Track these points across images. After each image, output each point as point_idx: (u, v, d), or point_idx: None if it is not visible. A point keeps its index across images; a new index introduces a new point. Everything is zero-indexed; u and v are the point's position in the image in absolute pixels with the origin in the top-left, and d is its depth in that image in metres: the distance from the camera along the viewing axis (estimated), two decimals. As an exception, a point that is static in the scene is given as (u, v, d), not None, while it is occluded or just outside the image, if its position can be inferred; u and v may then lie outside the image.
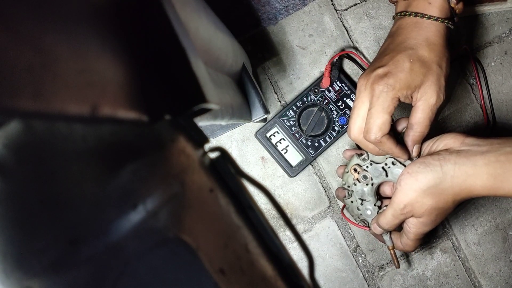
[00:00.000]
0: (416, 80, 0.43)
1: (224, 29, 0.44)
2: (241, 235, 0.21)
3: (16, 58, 0.12)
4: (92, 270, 0.16)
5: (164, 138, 0.20)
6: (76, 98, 0.14)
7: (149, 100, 0.19)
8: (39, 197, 0.16)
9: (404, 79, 0.42)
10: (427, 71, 0.43)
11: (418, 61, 0.43)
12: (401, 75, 0.42)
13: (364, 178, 0.51)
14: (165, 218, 0.18)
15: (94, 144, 0.17)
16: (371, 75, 0.44)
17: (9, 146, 0.16)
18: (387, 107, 0.42)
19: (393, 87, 0.42)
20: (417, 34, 0.44)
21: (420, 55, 0.43)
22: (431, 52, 0.43)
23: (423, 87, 0.43)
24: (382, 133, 0.43)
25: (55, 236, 0.16)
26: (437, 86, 0.43)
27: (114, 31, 0.18)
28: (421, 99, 0.43)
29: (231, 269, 0.19)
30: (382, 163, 0.50)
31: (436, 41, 0.44)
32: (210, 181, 0.21)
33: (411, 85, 0.42)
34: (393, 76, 0.42)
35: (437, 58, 0.43)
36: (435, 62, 0.43)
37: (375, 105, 0.43)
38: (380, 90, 0.42)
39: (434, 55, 0.43)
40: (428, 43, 0.44)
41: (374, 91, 0.43)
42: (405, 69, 0.42)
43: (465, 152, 0.43)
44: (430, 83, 0.43)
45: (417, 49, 0.43)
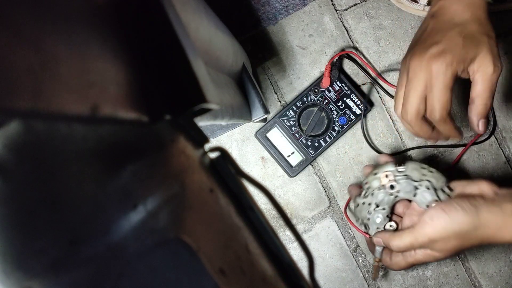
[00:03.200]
0: (471, 53, 0.43)
1: (224, 29, 0.44)
2: (241, 235, 0.21)
3: (16, 58, 0.12)
4: (92, 271, 0.16)
5: (164, 138, 0.20)
6: (76, 98, 0.14)
7: (149, 100, 0.19)
8: (39, 197, 0.16)
9: (459, 54, 0.42)
10: (479, 43, 0.43)
11: (470, 35, 0.43)
12: (457, 51, 0.42)
13: (390, 188, 0.50)
14: (165, 219, 0.18)
15: (94, 144, 0.17)
16: (425, 54, 0.44)
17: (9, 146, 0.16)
18: (448, 84, 0.43)
19: (451, 64, 0.42)
20: (463, 11, 0.44)
21: (470, 29, 0.43)
22: (479, 26, 0.44)
23: (478, 59, 0.43)
24: (447, 111, 0.44)
25: (55, 236, 0.16)
26: (491, 55, 0.43)
27: (114, 32, 0.18)
28: (479, 71, 0.43)
29: (231, 269, 0.19)
30: (418, 181, 0.49)
31: (480, 15, 0.44)
32: (210, 181, 0.21)
33: (466, 58, 0.43)
34: (450, 52, 0.42)
35: (486, 30, 0.44)
36: (485, 33, 0.43)
37: (437, 83, 0.43)
38: (438, 68, 0.42)
39: (482, 27, 0.44)
40: (474, 18, 0.44)
41: (432, 70, 0.43)
42: (459, 45, 0.43)
43: (498, 202, 0.44)
44: (484, 53, 0.43)
45: (466, 24, 0.44)
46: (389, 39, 0.62)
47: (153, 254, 0.17)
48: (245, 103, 0.50)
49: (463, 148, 0.62)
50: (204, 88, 0.21)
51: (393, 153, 0.62)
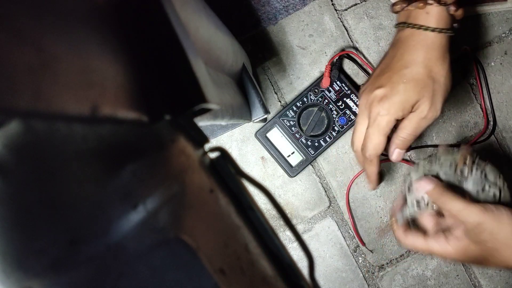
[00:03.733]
0: (411, 99, 0.44)
1: (224, 29, 0.44)
2: (241, 235, 0.21)
3: (16, 58, 0.12)
4: (92, 270, 0.16)
5: (164, 138, 0.20)
6: (76, 98, 0.14)
7: (149, 100, 0.19)
8: (39, 197, 0.16)
9: (399, 101, 0.44)
10: (421, 89, 0.44)
11: (412, 80, 0.44)
12: (396, 99, 0.44)
13: (460, 172, 0.46)
14: (165, 218, 0.18)
15: (94, 144, 0.17)
16: (370, 96, 0.46)
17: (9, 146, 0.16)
18: (382, 129, 0.45)
19: (388, 111, 0.44)
20: (413, 50, 0.45)
21: (415, 73, 0.44)
22: (425, 68, 0.44)
23: (417, 103, 0.44)
24: (375, 152, 0.47)
25: (55, 236, 0.16)
26: (430, 101, 0.44)
27: (114, 31, 0.18)
28: (414, 111, 0.45)
29: (231, 269, 0.19)
30: (490, 183, 0.46)
31: (432, 54, 0.44)
32: (210, 181, 0.21)
33: (405, 106, 0.44)
34: (388, 100, 0.44)
35: (433, 73, 0.44)
36: (431, 77, 0.44)
37: (372, 126, 0.46)
38: (377, 113, 0.45)
39: (429, 70, 0.44)
40: (423, 59, 0.44)
41: (371, 113, 0.46)
42: (400, 91, 0.44)
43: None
44: (424, 99, 0.44)
45: (412, 67, 0.44)
46: (389, 39, 0.62)
47: (153, 254, 0.17)
48: (245, 103, 0.50)
49: (463, 148, 0.62)
50: (204, 88, 0.21)
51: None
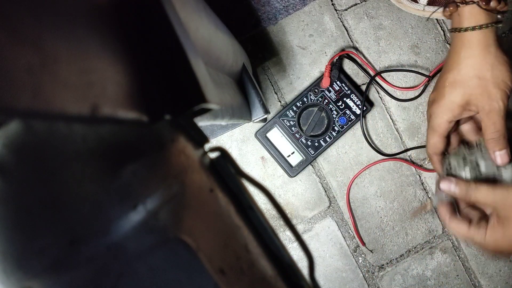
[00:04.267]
0: (457, 100, 0.45)
1: (224, 29, 0.44)
2: (241, 235, 0.21)
3: (16, 58, 0.12)
4: (92, 270, 0.16)
5: (164, 138, 0.20)
6: (76, 98, 0.14)
7: (149, 100, 0.19)
8: (39, 197, 0.16)
9: (444, 104, 0.46)
10: (466, 89, 0.45)
11: (454, 82, 0.45)
12: (441, 102, 0.46)
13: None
14: (165, 218, 0.18)
15: (94, 144, 0.17)
16: (428, 101, 0.49)
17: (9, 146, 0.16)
18: (435, 130, 0.47)
19: (437, 114, 0.47)
20: (453, 53, 0.46)
21: (456, 75, 0.45)
22: (466, 68, 0.45)
23: (472, 102, 0.45)
24: (432, 151, 0.49)
25: (55, 236, 0.16)
26: (484, 96, 0.44)
27: (114, 31, 0.18)
28: (479, 111, 0.45)
29: (231, 269, 0.19)
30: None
31: (470, 53, 0.44)
32: (210, 181, 0.21)
33: (452, 107, 0.46)
34: (436, 103, 0.47)
35: (476, 70, 0.44)
36: (474, 75, 0.44)
37: (428, 128, 0.49)
38: (429, 116, 0.48)
39: (471, 69, 0.44)
40: (462, 59, 0.45)
41: (427, 116, 0.49)
42: (444, 94, 0.46)
43: None
44: (475, 96, 0.45)
45: (452, 71, 0.46)
46: (389, 39, 0.62)
47: (153, 254, 0.17)
48: (245, 103, 0.50)
49: (463, 148, 0.62)
50: (204, 88, 0.21)
51: (393, 153, 0.62)
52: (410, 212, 0.55)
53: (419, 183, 0.63)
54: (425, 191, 0.63)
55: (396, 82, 0.62)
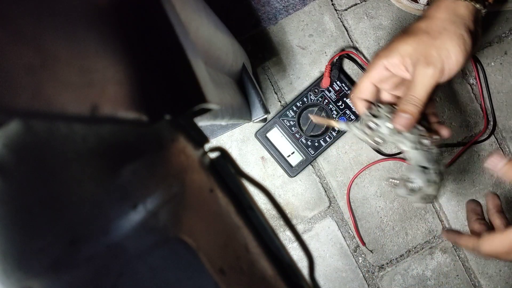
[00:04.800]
0: (399, 47, 0.42)
1: (224, 29, 0.44)
2: (241, 235, 0.21)
3: (16, 58, 0.12)
4: (92, 270, 0.16)
5: (164, 138, 0.20)
6: (76, 97, 0.14)
7: (149, 100, 0.19)
8: (39, 197, 0.16)
9: (386, 48, 0.44)
10: (411, 41, 0.42)
11: (405, 31, 0.44)
12: (387, 46, 0.44)
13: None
14: (165, 218, 0.18)
15: (94, 144, 0.17)
16: None
17: (9, 146, 0.16)
18: (368, 72, 0.45)
19: (377, 56, 0.44)
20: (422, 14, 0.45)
21: (408, 27, 0.44)
22: (421, 23, 0.43)
23: (411, 58, 0.42)
24: (355, 94, 0.46)
25: (55, 236, 0.16)
26: (422, 57, 0.42)
27: (114, 31, 0.18)
28: (411, 75, 0.43)
29: (231, 269, 0.19)
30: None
31: (434, 14, 0.43)
32: (210, 181, 0.21)
33: (393, 54, 0.43)
34: (382, 49, 0.44)
35: (428, 28, 0.42)
36: (424, 32, 0.42)
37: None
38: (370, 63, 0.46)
39: (423, 25, 0.43)
40: (425, 15, 0.43)
41: None
42: (393, 41, 0.44)
43: None
44: (419, 52, 0.42)
45: (415, 22, 0.44)
46: (389, 39, 0.62)
47: (153, 253, 0.17)
48: (245, 103, 0.50)
49: (462, 147, 0.62)
50: (204, 88, 0.21)
51: (393, 153, 0.63)
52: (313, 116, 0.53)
53: (419, 183, 0.63)
54: (425, 191, 0.63)
55: (396, 82, 0.62)
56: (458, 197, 0.63)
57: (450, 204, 0.63)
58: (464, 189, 0.63)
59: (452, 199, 0.63)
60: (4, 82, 0.11)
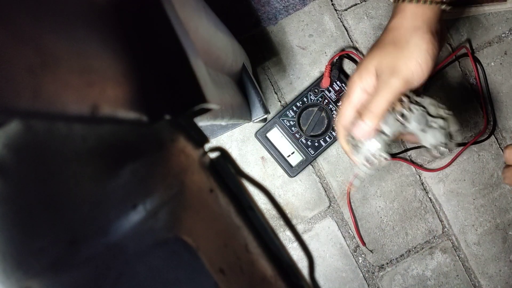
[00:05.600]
0: (369, 65, 0.43)
1: (224, 29, 0.44)
2: (241, 235, 0.21)
3: (16, 58, 0.12)
4: (92, 270, 0.16)
5: (164, 138, 0.20)
6: (76, 98, 0.14)
7: (149, 100, 0.19)
8: (39, 197, 0.16)
9: (358, 69, 0.44)
10: (379, 55, 0.43)
11: (373, 47, 0.44)
12: (358, 67, 0.45)
13: (401, 116, 0.44)
14: (165, 218, 0.18)
15: (94, 144, 0.17)
16: None
17: (9, 146, 0.16)
18: (349, 99, 0.45)
19: (352, 79, 0.45)
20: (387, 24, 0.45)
21: (377, 41, 0.45)
22: (387, 34, 0.43)
23: (380, 69, 0.43)
24: (340, 122, 0.47)
25: (55, 236, 0.16)
26: (388, 68, 0.42)
27: (114, 31, 0.18)
28: (378, 82, 0.43)
29: (231, 269, 0.19)
30: (433, 117, 0.44)
31: (399, 22, 0.43)
32: (210, 181, 0.21)
33: (364, 73, 0.44)
34: (355, 70, 0.45)
35: (394, 38, 0.43)
36: (390, 42, 0.43)
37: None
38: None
39: (389, 36, 0.43)
40: (389, 26, 0.44)
41: None
42: (363, 60, 0.45)
43: None
44: (385, 64, 0.42)
45: (379, 38, 0.45)
46: (389, 39, 0.62)
47: (153, 253, 0.17)
48: (245, 103, 0.50)
49: (462, 147, 0.62)
50: (204, 88, 0.21)
51: (393, 153, 0.63)
52: (338, 197, 0.54)
53: (419, 183, 0.63)
54: (425, 191, 0.63)
55: (396, 82, 0.62)
56: (458, 197, 0.63)
57: (450, 204, 0.63)
58: (464, 189, 0.63)
59: (452, 199, 0.63)
60: (4, 82, 0.11)
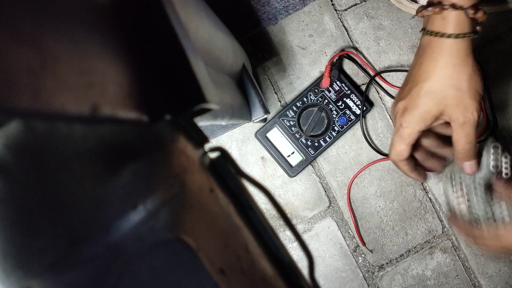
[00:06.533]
0: (432, 111, 0.44)
1: (224, 29, 0.44)
2: (241, 235, 0.21)
3: (16, 58, 0.12)
4: (92, 270, 0.16)
5: (164, 138, 0.20)
6: (76, 98, 0.14)
7: (150, 100, 0.19)
8: (39, 197, 0.16)
9: (418, 115, 0.45)
10: (441, 99, 0.44)
11: (431, 92, 0.44)
12: (415, 112, 0.45)
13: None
14: (165, 218, 0.18)
15: (95, 144, 0.17)
16: (395, 108, 0.48)
17: (9, 146, 0.16)
18: (403, 139, 0.47)
19: (409, 124, 0.46)
20: (431, 59, 0.44)
21: (432, 85, 0.44)
22: (444, 78, 0.43)
23: (446, 113, 0.44)
24: (398, 158, 0.48)
25: (55, 236, 0.16)
26: (460, 108, 0.43)
27: (115, 31, 0.18)
28: (452, 121, 0.45)
29: (231, 269, 0.19)
30: None
31: (450, 62, 0.43)
32: (210, 181, 0.21)
33: (426, 118, 0.45)
34: (409, 113, 0.46)
35: (453, 81, 0.43)
36: (451, 86, 0.43)
37: (396, 135, 0.48)
38: (399, 125, 0.47)
39: (449, 79, 0.43)
40: (441, 68, 0.43)
41: (396, 124, 0.48)
42: (419, 105, 0.45)
43: None
44: (450, 108, 0.44)
45: (429, 80, 0.44)
46: (389, 39, 0.62)
47: (153, 254, 0.17)
48: (245, 103, 0.50)
49: (463, 148, 0.62)
50: (204, 88, 0.21)
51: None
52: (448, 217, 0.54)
53: (419, 183, 0.63)
54: (424, 191, 0.63)
55: (396, 82, 0.62)
56: (458, 197, 0.63)
57: (450, 204, 0.63)
58: (464, 189, 0.63)
59: (452, 199, 0.63)
60: (4, 82, 0.11)
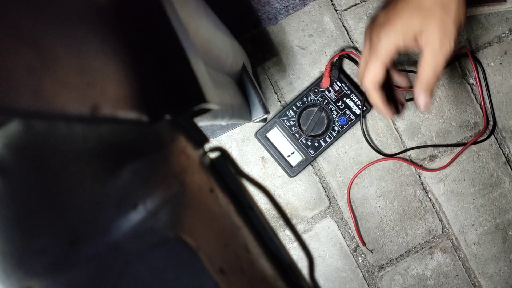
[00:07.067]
0: (414, 26, 0.40)
1: (224, 29, 0.44)
2: (241, 235, 0.21)
3: (16, 58, 0.12)
4: (92, 270, 0.16)
5: (164, 138, 0.20)
6: (76, 97, 0.14)
7: (149, 100, 0.19)
8: (39, 197, 0.16)
9: (400, 27, 0.40)
10: (426, 16, 0.40)
11: (418, 7, 0.40)
12: (398, 24, 0.40)
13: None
14: (165, 218, 0.18)
15: (94, 144, 0.17)
16: (374, 23, 0.43)
17: (9, 146, 0.16)
18: (381, 56, 0.42)
19: (388, 36, 0.41)
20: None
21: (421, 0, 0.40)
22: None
23: (425, 33, 0.40)
24: (373, 82, 0.43)
25: (55, 236, 0.16)
26: (440, 31, 0.39)
27: (114, 31, 0.18)
28: (425, 46, 0.40)
29: (231, 269, 0.19)
30: None
31: None
32: (210, 181, 0.21)
33: (407, 33, 0.40)
34: (390, 25, 0.41)
35: (442, 1, 0.39)
36: (439, 4, 0.39)
37: (371, 55, 0.42)
38: (377, 40, 0.42)
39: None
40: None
41: (372, 40, 0.42)
42: (403, 17, 0.40)
43: None
44: (432, 28, 0.40)
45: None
46: (389, 39, 0.62)
47: (153, 253, 0.17)
48: (245, 103, 0.50)
49: (462, 147, 0.62)
50: (204, 88, 0.21)
51: (393, 153, 0.63)
52: None
53: (419, 183, 0.63)
54: (425, 191, 0.63)
55: (396, 82, 0.62)
56: (458, 197, 0.63)
57: (450, 204, 0.63)
58: (464, 189, 0.63)
59: (452, 199, 0.63)
60: (4, 82, 0.11)
